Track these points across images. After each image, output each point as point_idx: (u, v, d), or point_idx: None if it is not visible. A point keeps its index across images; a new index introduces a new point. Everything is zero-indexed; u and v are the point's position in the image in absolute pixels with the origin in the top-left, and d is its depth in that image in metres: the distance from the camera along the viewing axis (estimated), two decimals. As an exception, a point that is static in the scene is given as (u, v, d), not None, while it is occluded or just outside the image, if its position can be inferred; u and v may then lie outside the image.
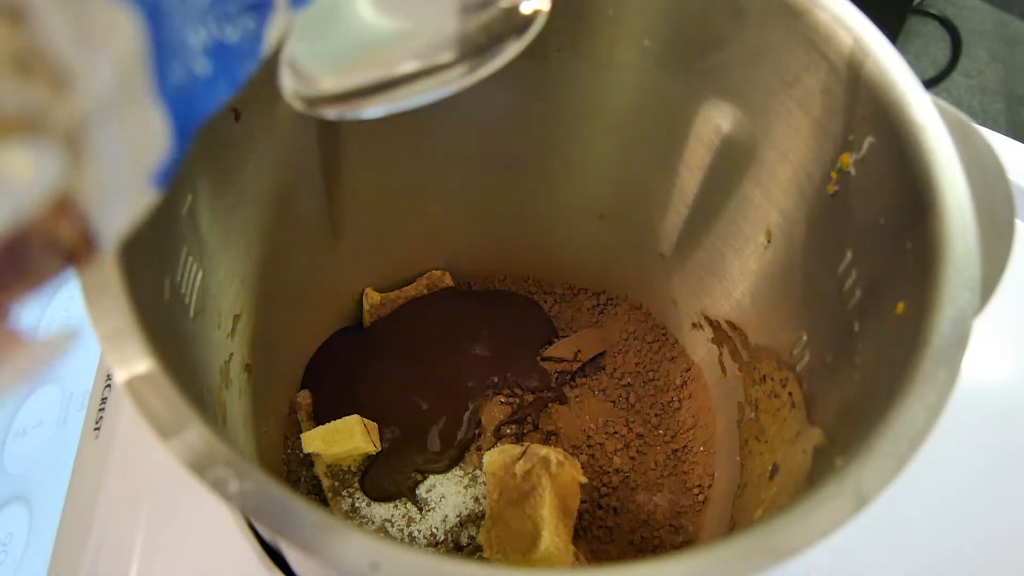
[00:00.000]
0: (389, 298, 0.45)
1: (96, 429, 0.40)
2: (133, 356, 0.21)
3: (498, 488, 0.36)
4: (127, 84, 0.13)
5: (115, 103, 0.13)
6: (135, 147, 0.14)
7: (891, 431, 0.21)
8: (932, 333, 0.22)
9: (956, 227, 0.23)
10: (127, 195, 0.14)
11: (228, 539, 0.35)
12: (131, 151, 0.13)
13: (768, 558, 0.19)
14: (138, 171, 0.14)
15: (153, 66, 0.14)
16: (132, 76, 0.13)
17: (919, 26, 1.23)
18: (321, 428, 0.38)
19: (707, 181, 0.36)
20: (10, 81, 0.11)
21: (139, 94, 0.13)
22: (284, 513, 0.19)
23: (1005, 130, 0.77)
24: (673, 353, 0.44)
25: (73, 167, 0.12)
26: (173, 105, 0.14)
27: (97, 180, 0.12)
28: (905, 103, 0.26)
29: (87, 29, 0.12)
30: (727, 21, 0.31)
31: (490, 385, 0.42)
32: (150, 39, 0.13)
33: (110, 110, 0.13)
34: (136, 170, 0.14)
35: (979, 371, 0.43)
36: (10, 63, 0.11)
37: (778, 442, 0.33)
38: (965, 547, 0.38)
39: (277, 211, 0.36)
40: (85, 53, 0.12)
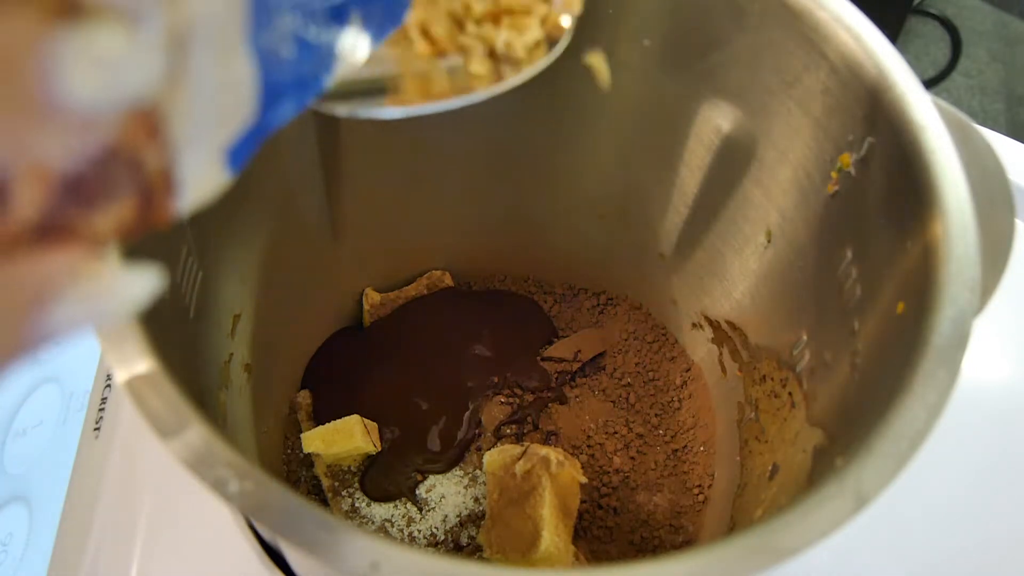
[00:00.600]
0: (389, 298, 0.45)
1: (96, 429, 0.40)
2: (133, 356, 0.21)
3: (498, 488, 0.36)
4: (230, 14, 0.13)
5: (218, 29, 0.12)
6: (225, 93, 0.13)
7: (891, 431, 0.21)
8: (932, 333, 0.22)
9: (956, 227, 0.23)
10: (208, 153, 0.13)
11: (228, 539, 0.35)
12: (221, 96, 0.13)
13: (768, 558, 0.19)
14: (221, 128, 0.14)
15: (251, 15, 0.13)
16: (234, 8, 0.13)
17: (919, 26, 1.23)
18: (321, 428, 0.38)
19: (707, 181, 0.36)
20: None
21: (236, 35, 0.13)
22: (284, 513, 0.19)
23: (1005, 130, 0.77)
24: (673, 353, 0.44)
25: (171, 81, 0.12)
26: (261, 71, 0.14)
27: (190, 108, 0.12)
28: (905, 103, 0.26)
29: None
30: (727, 21, 0.31)
31: (490, 385, 0.42)
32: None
33: (212, 34, 0.12)
34: (221, 124, 0.13)
35: (979, 371, 0.43)
36: None
37: (778, 442, 0.33)
38: (965, 547, 0.38)
39: (277, 211, 0.36)
40: None
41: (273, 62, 0.15)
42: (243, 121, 0.14)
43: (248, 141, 0.15)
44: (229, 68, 0.13)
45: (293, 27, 0.15)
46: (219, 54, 0.13)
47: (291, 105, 0.16)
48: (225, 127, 0.14)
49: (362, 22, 0.18)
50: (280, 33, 0.15)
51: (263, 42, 0.14)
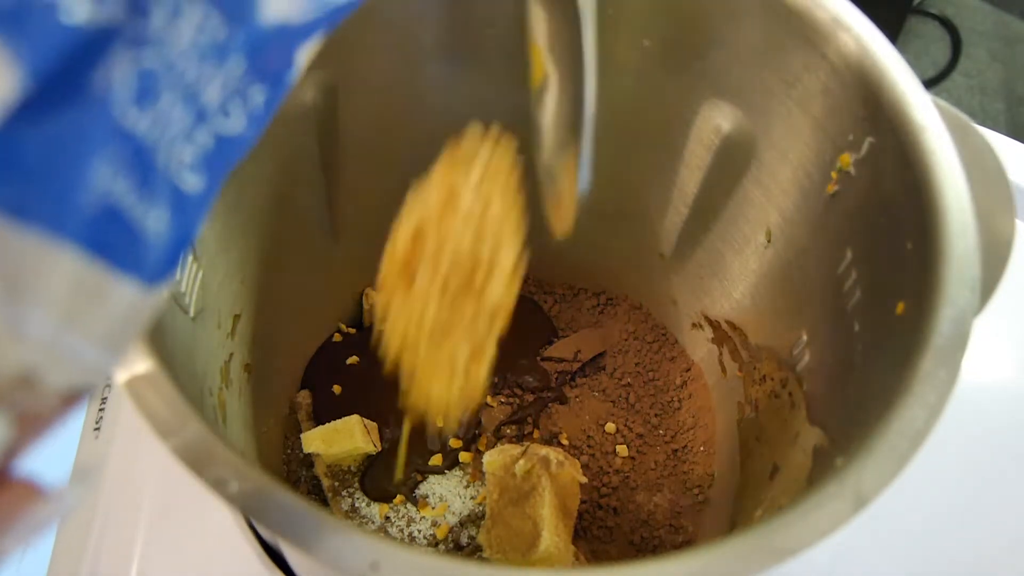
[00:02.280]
0: (389, 298, 0.45)
1: (96, 429, 0.40)
2: (133, 356, 0.21)
3: (498, 488, 0.36)
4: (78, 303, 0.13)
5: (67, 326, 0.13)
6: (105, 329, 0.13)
7: (891, 431, 0.21)
8: (932, 333, 0.22)
9: (956, 227, 0.23)
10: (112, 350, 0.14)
11: (228, 539, 0.35)
12: (104, 332, 0.13)
13: (768, 558, 0.19)
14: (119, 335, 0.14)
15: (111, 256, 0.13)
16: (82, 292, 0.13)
17: (919, 26, 1.23)
18: (321, 428, 0.38)
19: (707, 181, 0.36)
20: None
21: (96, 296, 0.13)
22: (284, 513, 0.19)
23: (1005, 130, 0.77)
24: (673, 353, 0.44)
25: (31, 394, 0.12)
26: (149, 260, 0.14)
27: (65, 379, 0.13)
28: (905, 103, 0.26)
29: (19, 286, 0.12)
30: (727, 21, 0.31)
31: (490, 385, 0.42)
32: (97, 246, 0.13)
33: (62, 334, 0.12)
34: (117, 335, 0.14)
35: (979, 371, 0.43)
36: None
37: (778, 442, 0.33)
38: (965, 547, 0.38)
39: (277, 211, 0.36)
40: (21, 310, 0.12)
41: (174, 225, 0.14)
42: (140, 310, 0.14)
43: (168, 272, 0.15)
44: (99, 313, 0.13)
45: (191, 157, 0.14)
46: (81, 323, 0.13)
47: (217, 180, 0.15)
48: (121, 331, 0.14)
49: None
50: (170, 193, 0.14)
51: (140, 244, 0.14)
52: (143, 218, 0.13)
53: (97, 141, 0.12)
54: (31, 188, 0.11)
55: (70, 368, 0.13)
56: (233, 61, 0.14)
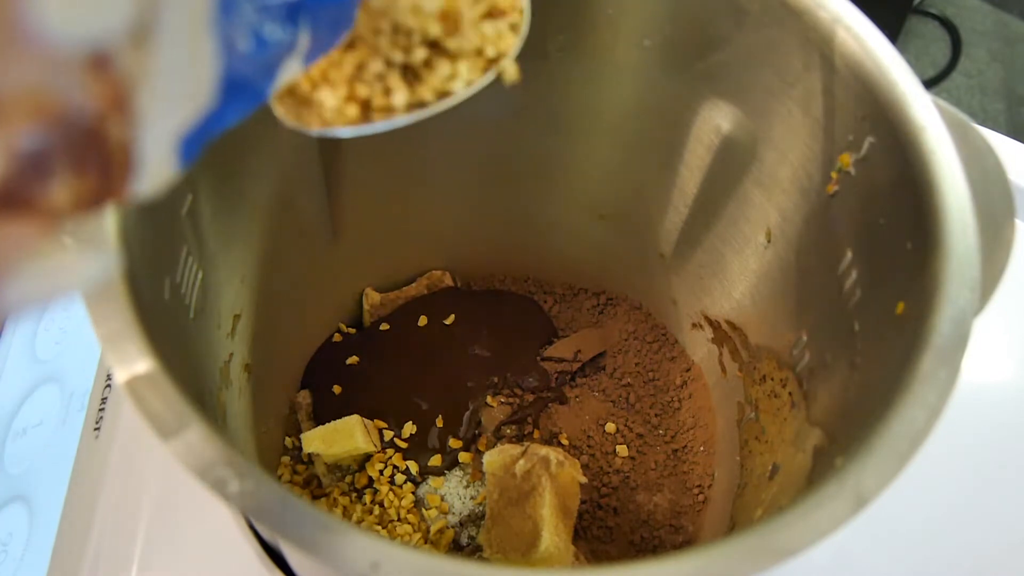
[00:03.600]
0: (389, 298, 0.45)
1: (96, 429, 0.40)
2: (133, 356, 0.21)
3: (498, 488, 0.36)
4: (194, 14, 0.13)
5: (184, 23, 0.13)
6: (188, 72, 0.13)
7: (891, 431, 0.21)
8: (932, 333, 0.22)
9: (956, 227, 0.23)
10: (166, 136, 0.13)
11: (228, 539, 0.35)
12: (185, 74, 0.13)
13: (768, 558, 0.19)
14: (181, 111, 0.14)
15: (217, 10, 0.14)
16: (198, 9, 0.13)
17: (919, 26, 1.23)
18: (321, 428, 0.38)
19: (707, 181, 0.36)
20: None
21: (204, 12, 0.13)
22: (284, 513, 0.19)
23: (1005, 130, 0.77)
24: (673, 353, 0.44)
25: (139, 41, 0.12)
26: (222, 57, 0.14)
27: (155, 81, 0.12)
28: (905, 103, 0.26)
29: None
30: (727, 21, 0.31)
31: (490, 385, 0.42)
32: None
33: (180, 7, 0.12)
34: (181, 106, 0.14)
35: (980, 371, 0.43)
36: None
37: (778, 442, 0.33)
38: (965, 547, 0.38)
39: (277, 211, 0.36)
40: None
41: (231, 53, 0.15)
42: (200, 108, 0.14)
43: (199, 134, 0.15)
44: (195, 46, 0.13)
45: (252, 20, 0.15)
46: (187, 27, 0.13)
47: (242, 104, 0.16)
48: (184, 110, 0.14)
49: (312, 26, 0.18)
50: (240, 24, 0.15)
51: (225, 29, 0.14)
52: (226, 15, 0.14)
53: None
54: None
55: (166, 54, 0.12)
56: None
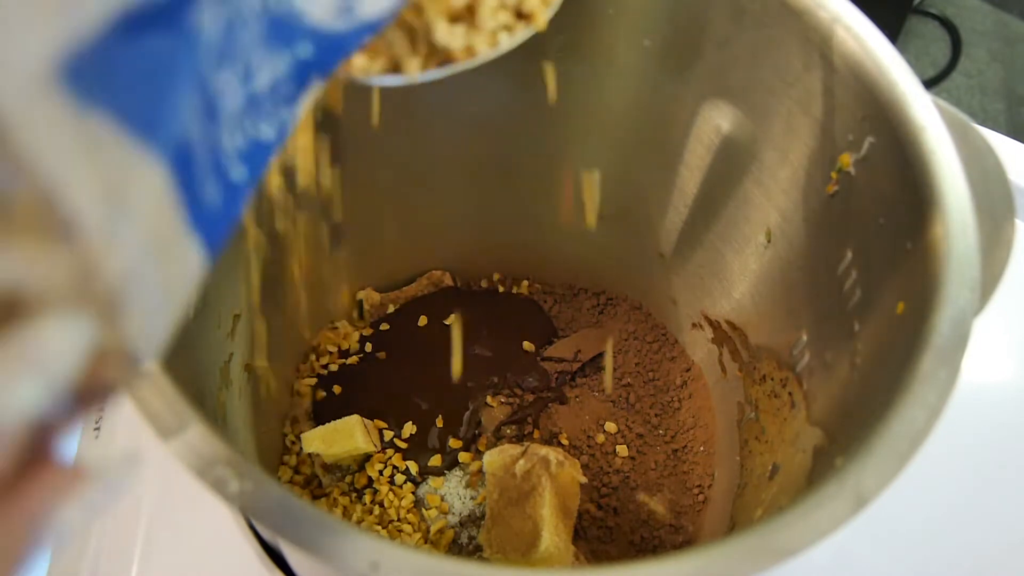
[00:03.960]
0: (389, 298, 0.45)
1: (96, 429, 0.40)
2: (133, 356, 0.21)
3: (498, 488, 0.36)
4: (160, 230, 0.13)
5: (150, 256, 0.13)
6: (172, 285, 0.14)
7: (891, 431, 0.21)
8: (932, 333, 0.22)
9: (956, 227, 0.23)
10: (165, 323, 0.14)
11: (228, 539, 0.35)
12: (168, 290, 0.14)
13: (768, 558, 0.19)
14: (175, 302, 0.14)
15: (184, 204, 0.14)
16: (164, 221, 0.13)
17: (919, 26, 1.23)
18: (321, 428, 0.38)
19: (707, 181, 0.36)
20: (41, 255, 0.11)
21: (172, 236, 0.14)
22: (284, 513, 0.19)
23: (1005, 130, 0.77)
24: (673, 353, 0.44)
25: (111, 327, 0.12)
26: (207, 229, 0.14)
27: (137, 328, 0.13)
28: (905, 103, 0.26)
29: (115, 188, 0.12)
30: (727, 21, 0.31)
31: (490, 385, 0.42)
32: (178, 181, 0.13)
33: (145, 262, 0.13)
34: (173, 302, 0.14)
35: (979, 371, 0.43)
36: (38, 237, 0.11)
37: (778, 442, 0.33)
38: (965, 547, 0.38)
39: (277, 211, 0.36)
40: (114, 213, 0.12)
41: (224, 197, 0.15)
42: (197, 275, 0.15)
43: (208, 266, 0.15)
44: (173, 263, 0.14)
45: (241, 144, 0.15)
46: (160, 263, 0.13)
47: (253, 182, 0.16)
48: (181, 292, 0.14)
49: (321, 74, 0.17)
50: (227, 164, 0.15)
51: (208, 199, 0.14)
52: (203, 182, 0.14)
53: (185, 73, 0.13)
54: (130, 97, 0.12)
55: (142, 305, 0.13)
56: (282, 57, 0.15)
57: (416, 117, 0.37)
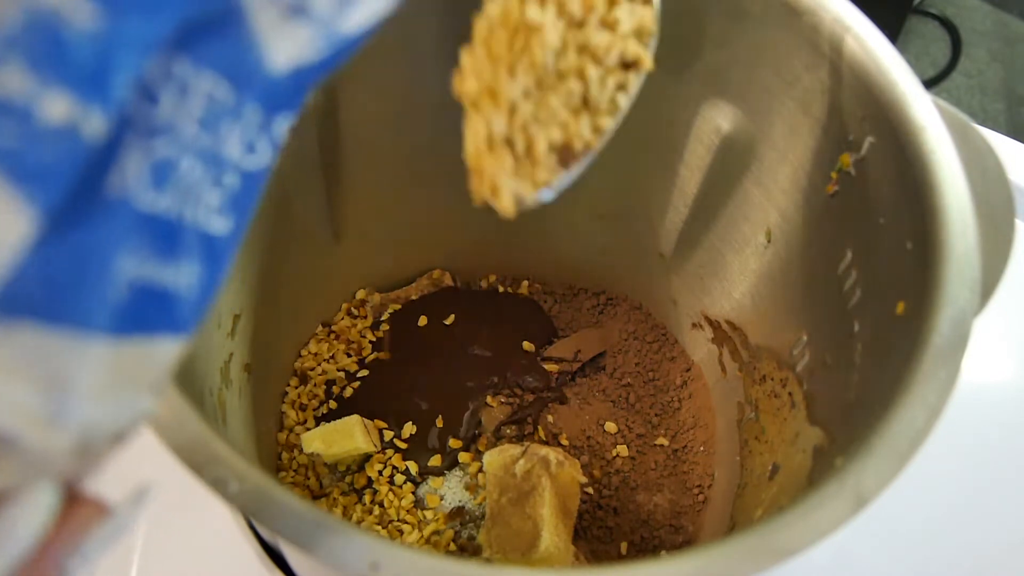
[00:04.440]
0: (389, 298, 0.45)
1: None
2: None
3: (498, 488, 0.36)
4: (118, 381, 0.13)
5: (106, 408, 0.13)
6: (129, 418, 0.14)
7: (891, 431, 0.21)
8: (932, 333, 0.22)
9: (956, 227, 0.23)
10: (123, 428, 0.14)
11: (228, 539, 0.35)
12: (126, 420, 0.14)
13: (768, 558, 0.19)
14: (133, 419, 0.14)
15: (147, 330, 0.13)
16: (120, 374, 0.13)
17: (919, 26, 1.23)
18: (321, 428, 0.38)
19: (707, 181, 0.36)
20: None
21: (134, 377, 0.13)
22: (284, 513, 0.19)
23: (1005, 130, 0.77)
24: (673, 353, 0.44)
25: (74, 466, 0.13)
26: (183, 322, 0.14)
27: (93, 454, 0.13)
28: (905, 103, 0.26)
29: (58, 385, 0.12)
30: (727, 21, 0.31)
31: (490, 385, 0.42)
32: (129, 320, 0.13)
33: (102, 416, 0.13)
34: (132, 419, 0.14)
35: (979, 371, 0.43)
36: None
37: (778, 442, 0.33)
38: (965, 547, 0.38)
39: (277, 211, 0.36)
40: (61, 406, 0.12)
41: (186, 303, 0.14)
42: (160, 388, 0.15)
43: None
44: (132, 398, 0.14)
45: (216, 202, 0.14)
46: (117, 405, 0.13)
47: (243, 227, 0.15)
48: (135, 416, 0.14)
49: None
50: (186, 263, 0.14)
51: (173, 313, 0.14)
52: (175, 280, 0.13)
53: (119, 239, 0.12)
54: (59, 296, 0.12)
55: (117, 422, 0.13)
56: (249, 114, 0.14)
57: (416, 117, 0.37)
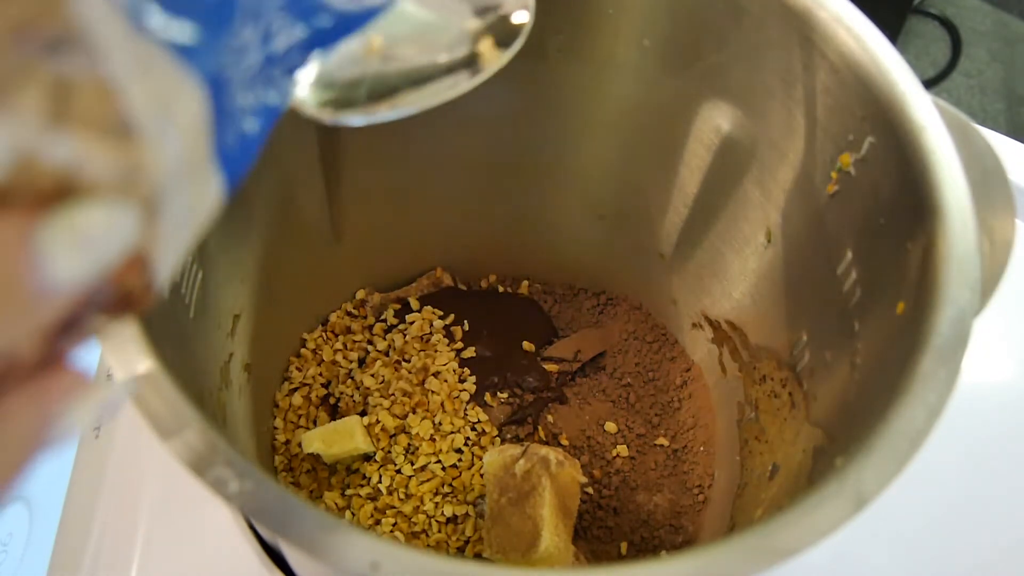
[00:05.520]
0: (389, 298, 0.45)
1: (96, 429, 0.40)
2: (133, 356, 0.21)
3: (498, 488, 0.36)
4: (194, 150, 0.14)
5: (184, 169, 0.14)
6: (196, 207, 0.15)
7: (891, 431, 0.21)
8: (932, 333, 0.22)
9: (956, 227, 0.23)
10: (182, 247, 0.15)
11: (228, 539, 0.35)
12: (192, 211, 0.15)
13: (768, 558, 0.19)
14: (194, 227, 0.15)
15: (213, 132, 0.15)
16: (198, 143, 0.14)
17: (919, 26, 1.23)
18: (321, 428, 0.38)
19: (707, 181, 0.36)
20: (99, 146, 0.12)
21: (202, 159, 0.15)
22: (284, 513, 0.19)
23: (1005, 130, 0.77)
24: (673, 353, 0.44)
25: (148, 227, 0.13)
26: (227, 167, 0.16)
27: (165, 238, 0.14)
28: (905, 103, 0.26)
29: (163, 101, 0.13)
30: (727, 21, 0.31)
31: (490, 385, 0.42)
32: (212, 108, 0.14)
33: (180, 175, 0.14)
34: (193, 226, 0.15)
35: (979, 371, 0.43)
36: (99, 130, 0.12)
37: (778, 442, 0.33)
38: (965, 547, 0.38)
39: (277, 211, 0.36)
40: (161, 123, 0.13)
41: (239, 145, 0.16)
42: (214, 208, 0.16)
43: None
44: (200, 184, 0.15)
45: (253, 102, 0.16)
46: (190, 179, 0.14)
47: (259, 144, 0.17)
48: (200, 218, 0.15)
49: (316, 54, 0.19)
50: (243, 115, 0.16)
51: (228, 139, 0.15)
52: (225, 120, 0.15)
53: (236, 12, 0.15)
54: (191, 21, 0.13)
55: (183, 198, 0.14)
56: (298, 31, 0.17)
57: (415, 117, 0.37)
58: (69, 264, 0.12)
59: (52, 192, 0.11)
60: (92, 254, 0.12)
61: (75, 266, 0.12)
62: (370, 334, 0.43)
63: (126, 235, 0.13)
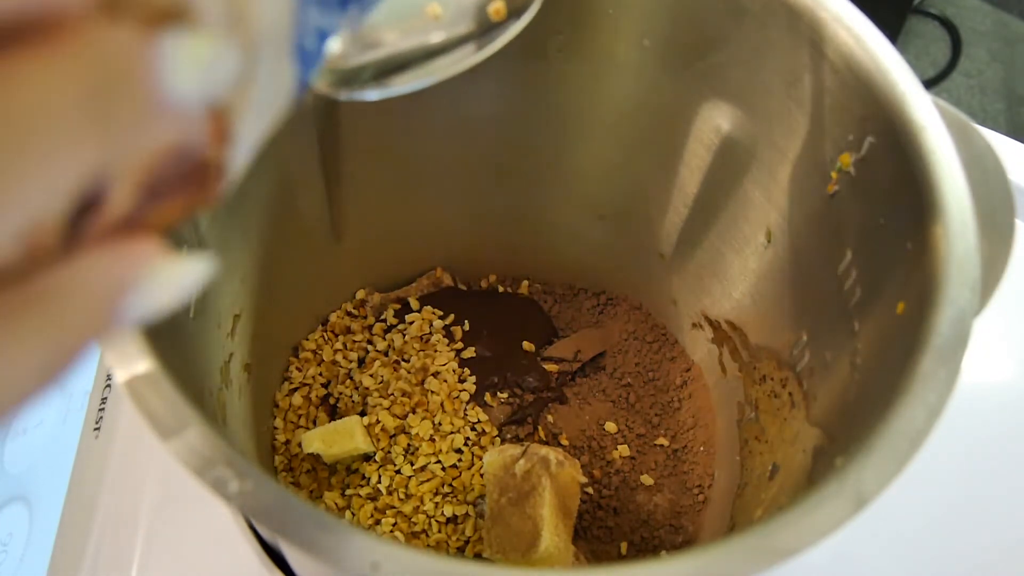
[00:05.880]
0: (389, 298, 0.45)
1: (96, 429, 0.40)
2: (133, 356, 0.21)
3: (498, 488, 0.36)
4: (284, 26, 0.14)
5: (276, 38, 0.14)
6: (276, 92, 0.15)
7: (891, 431, 0.21)
8: (932, 333, 0.22)
9: (956, 227, 0.23)
10: (257, 136, 0.15)
11: (228, 539, 0.35)
12: (273, 96, 0.15)
13: (768, 558, 0.19)
14: (270, 117, 0.15)
15: (296, 23, 0.15)
16: (287, 21, 0.15)
17: (919, 26, 1.23)
18: (321, 428, 0.38)
19: (707, 181, 0.36)
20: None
21: (287, 41, 0.15)
22: (284, 513, 0.19)
23: (1005, 130, 0.77)
24: (673, 353, 0.44)
25: (243, 81, 0.13)
26: (301, 65, 0.16)
27: (252, 105, 0.14)
28: (905, 103, 0.26)
29: None
30: (727, 21, 0.31)
31: (490, 385, 0.42)
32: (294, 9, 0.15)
33: (272, 42, 0.14)
34: (269, 115, 0.15)
35: (979, 371, 0.43)
36: None
37: (778, 442, 0.33)
38: (965, 548, 0.38)
39: (277, 211, 0.36)
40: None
41: (300, 55, 0.16)
42: (284, 105, 0.16)
43: None
44: (280, 67, 0.15)
45: (316, 21, 0.17)
46: (276, 55, 0.14)
47: (303, 84, 0.17)
48: (268, 120, 0.15)
49: None
50: (307, 28, 0.16)
51: (299, 39, 0.16)
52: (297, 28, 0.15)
53: None
54: None
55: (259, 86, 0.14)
56: None
57: (415, 117, 0.37)
58: (185, 78, 0.12)
59: (164, 9, 0.11)
60: (206, 76, 0.12)
61: (190, 84, 0.12)
62: (370, 334, 0.43)
63: (232, 70, 0.12)
